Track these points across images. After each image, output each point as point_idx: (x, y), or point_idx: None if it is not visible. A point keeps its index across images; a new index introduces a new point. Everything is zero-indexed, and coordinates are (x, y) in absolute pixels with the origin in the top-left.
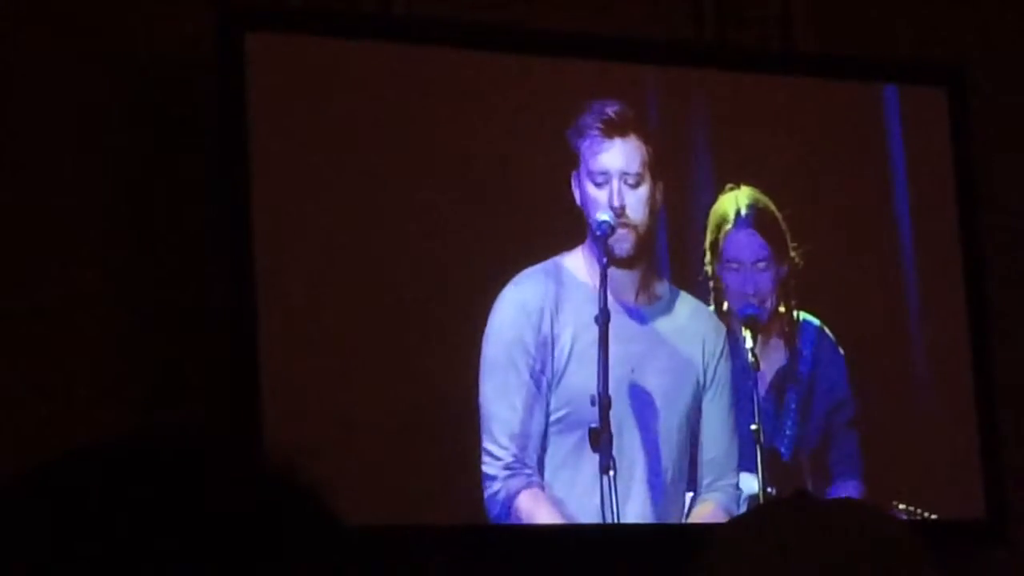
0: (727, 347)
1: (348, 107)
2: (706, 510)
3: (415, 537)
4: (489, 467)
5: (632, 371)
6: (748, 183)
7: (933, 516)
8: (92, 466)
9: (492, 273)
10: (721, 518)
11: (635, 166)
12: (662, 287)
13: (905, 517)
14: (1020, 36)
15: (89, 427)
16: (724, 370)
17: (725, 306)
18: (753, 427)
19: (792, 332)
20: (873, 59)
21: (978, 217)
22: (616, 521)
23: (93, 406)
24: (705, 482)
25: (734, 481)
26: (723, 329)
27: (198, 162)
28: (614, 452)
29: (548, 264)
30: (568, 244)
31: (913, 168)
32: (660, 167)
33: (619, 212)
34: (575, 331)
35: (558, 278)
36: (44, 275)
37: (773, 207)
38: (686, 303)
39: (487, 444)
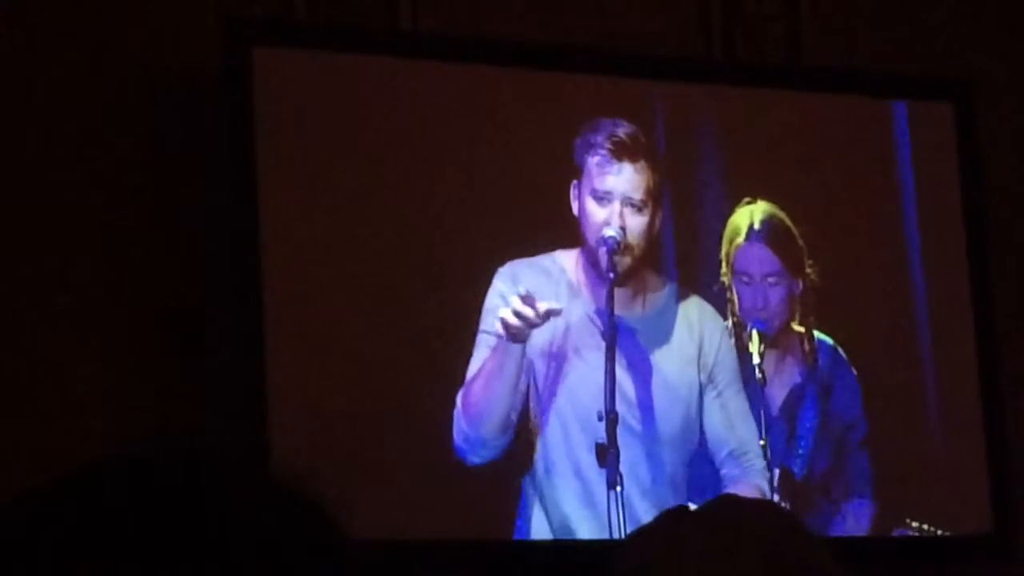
0: (726, 345)
1: (354, 121)
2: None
3: (422, 552)
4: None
5: (628, 385)
6: (760, 195)
7: (942, 532)
8: (95, 486)
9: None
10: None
11: (640, 193)
12: (655, 299)
13: (917, 534)
14: None
15: (90, 430)
16: (724, 368)
17: (738, 319)
18: (761, 443)
19: (811, 351)
20: (881, 75)
21: (986, 232)
22: (623, 537)
23: (95, 409)
24: (732, 475)
25: (756, 462)
26: (721, 325)
27: (204, 175)
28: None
29: (546, 258)
30: (564, 246)
31: (921, 182)
32: (662, 197)
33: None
34: (575, 338)
35: (557, 272)
36: (47, 283)
37: (789, 222)
38: (684, 308)
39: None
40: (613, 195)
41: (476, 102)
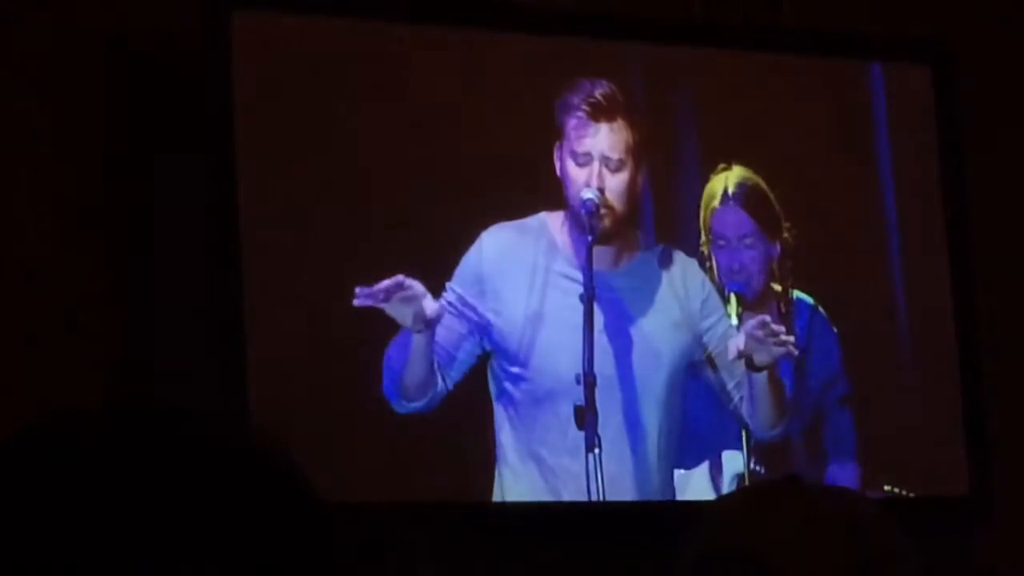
0: (713, 307)
1: (335, 86)
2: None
3: (399, 514)
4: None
5: (607, 347)
6: (735, 160)
7: (915, 494)
8: (66, 440)
9: None
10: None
11: (618, 151)
12: (637, 259)
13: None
14: (1005, 12)
15: (71, 396)
16: (715, 334)
17: (718, 284)
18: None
19: (788, 312)
20: (858, 36)
21: (963, 194)
22: (601, 499)
23: (88, 398)
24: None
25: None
26: (709, 288)
27: (183, 141)
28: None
29: (532, 219)
30: (552, 208)
31: (898, 144)
32: (644, 152)
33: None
34: (553, 299)
35: (539, 231)
36: (20, 256)
37: (764, 186)
38: (668, 271)
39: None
40: (591, 156)
41: (459, 65)
